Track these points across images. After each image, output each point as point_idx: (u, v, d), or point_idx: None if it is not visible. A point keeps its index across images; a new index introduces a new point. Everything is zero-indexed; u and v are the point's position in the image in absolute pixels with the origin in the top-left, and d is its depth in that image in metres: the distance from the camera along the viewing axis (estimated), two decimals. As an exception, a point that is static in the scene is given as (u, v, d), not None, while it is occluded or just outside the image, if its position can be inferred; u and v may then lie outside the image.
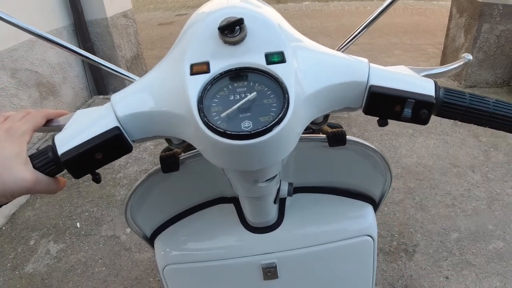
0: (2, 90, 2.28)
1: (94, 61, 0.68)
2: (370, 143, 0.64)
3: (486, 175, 2.17)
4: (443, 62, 3.64)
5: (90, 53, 0.68)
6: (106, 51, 3.33)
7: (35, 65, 2.63)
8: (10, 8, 2.43)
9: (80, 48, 0.68)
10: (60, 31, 2.98)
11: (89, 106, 3.18)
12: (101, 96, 3.37)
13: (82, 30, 3.14)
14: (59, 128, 0.46)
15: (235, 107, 0.38)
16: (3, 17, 0.60)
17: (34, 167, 0.42)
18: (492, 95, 3.06)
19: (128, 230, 1.96)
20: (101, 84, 3.37)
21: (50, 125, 0.49)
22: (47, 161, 0.42)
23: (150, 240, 0.73)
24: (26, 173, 0.41)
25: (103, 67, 0.69)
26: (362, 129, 2.71)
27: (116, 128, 0.42)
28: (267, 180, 0.48)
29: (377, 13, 0.66)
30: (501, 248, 1.69)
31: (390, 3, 0.65)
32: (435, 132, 2.57)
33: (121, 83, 3.35)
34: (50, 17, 2.90)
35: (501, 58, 3.08)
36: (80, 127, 0.44)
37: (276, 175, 0.49)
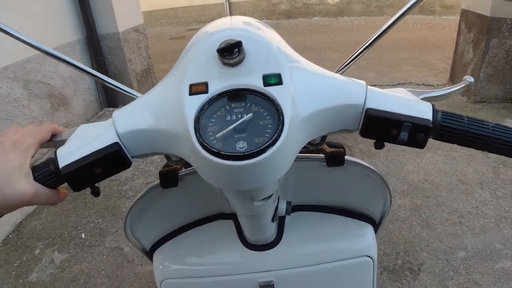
0: (15, 101, 2.35)
1: (98, 77, 0.70)
2: (376, 160, 0.64)
3: (494, 192, 2.13)
4: (452, 77, 3.62)
5: (102, 66, 0.70)
6: (117, 64, 3.40)
7: (47, 77, 2.70)
8: (24, 22, 2.51)
9: (92, 61, 0.70)
10: (73, 44, 3.06)
11: (99, 118, 3.24)
12: (111, 109, 3.44)
13: (94, 44, 3.22)
14: (62, 143, 0.48)
15: (230, 127, 0.39)
16: (15, 34, 0.62)
17: (35, 179, 0.43)
18: (502, 111, 3.03)
19: (132, 241, 1.97)
20: (111, 97, 3.43)
21: (55, 140, 0.50)
22: (48, 174, 0.44)
23: (149, 253, 0.73)
24: (26, 186, 0.42)
25: (107, 84, 0.71)
26: (368, 145, 2.69)
27: (116, 144, 0.43)
28: (264, 199, 0.48)
29: (376, 35, 0.67)
30: (508, 267, 1.65)
31: (388, 28, 0.65)
32: (443, 148, 2.55)
33: (131, 97, 3.40)
34: (63, 31, 2.99)
35: (510, 73, 3.05)
36: (82, 142, 0.45)
37: (272, 194, 0.49)
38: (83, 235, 2.05)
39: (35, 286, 1.76)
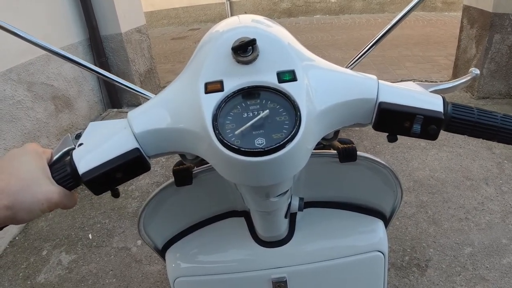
0: (19, 103, 2.35)
1: (111, 78, 0.71)
2: (382, 157, 0.64)
3: (500, 188, 2.12)
4: (455, 74, 3.61)
5: (105, 67, 0.70)
6: (120, 65, 3.41)
7: (51, 79, 2.71)
8: (26, 24, 2.52)
9: (95, 62, 0.70)
10: (75, 46, 3.07)
11: (103, 119, 3.25)
12: (115, 110, 3.44)
13: (97, 45, 3.23)
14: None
15: (248, 124, 0.39)
16: (20, 34, 0.62)
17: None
18: (506, 106, 3.02)
19: (139, 242, 1.97)
20: (115, 98, 3.44)
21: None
22: (67, 177, 0.44)
23: (162, 252, 0.73)
24: (52, 187, 0.42)
25: (118, 84, 0.72)
26: (373, 142, 2.69)
27: (136, 149, 0.44)
28: (279, 195, 0.48)
29: (384, 31, 0.67)
30: (516, 263, 1.65)
31: (397, 22, 0.65)
32: (448, 145, 2.54)
33: (135, 97, 3.42)
34: (66, 32, 3.00)
35: (514, 69, 3.04)
36: (98, 144, 0.45)
37: (287, 190, 0.50)
38: (90, 235, 2.06)
39: (43, 287, 1.77)
